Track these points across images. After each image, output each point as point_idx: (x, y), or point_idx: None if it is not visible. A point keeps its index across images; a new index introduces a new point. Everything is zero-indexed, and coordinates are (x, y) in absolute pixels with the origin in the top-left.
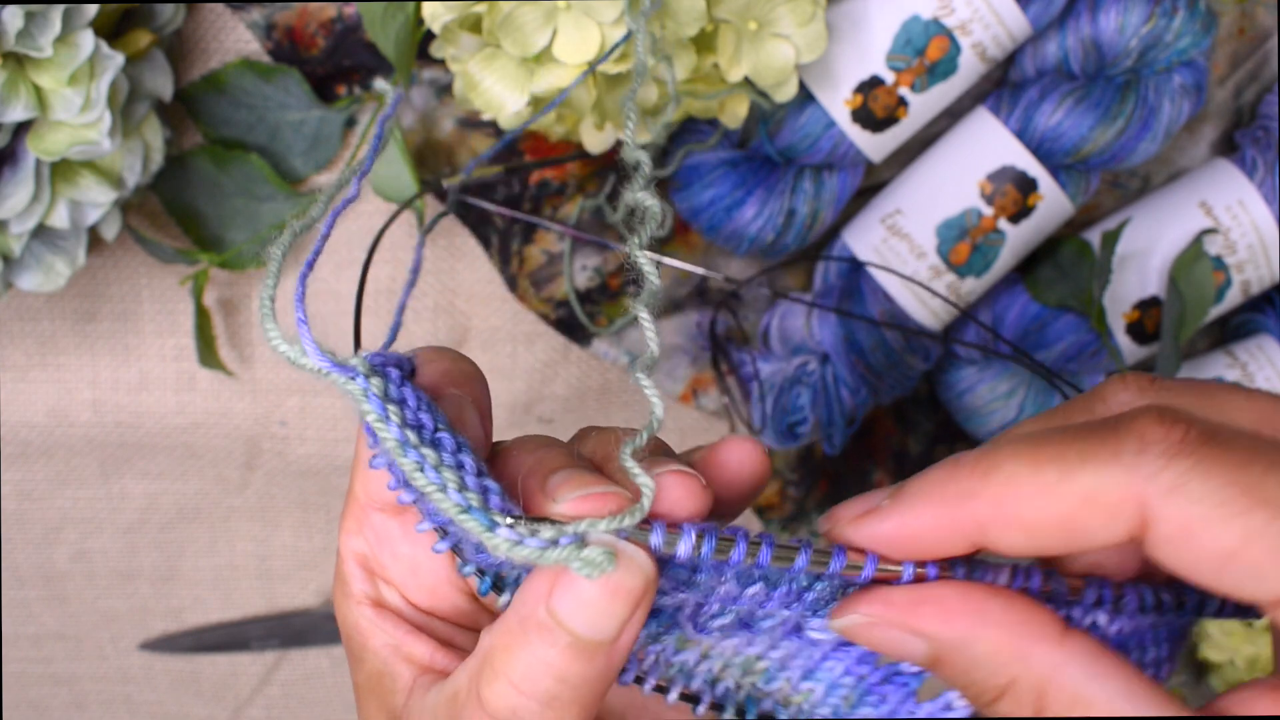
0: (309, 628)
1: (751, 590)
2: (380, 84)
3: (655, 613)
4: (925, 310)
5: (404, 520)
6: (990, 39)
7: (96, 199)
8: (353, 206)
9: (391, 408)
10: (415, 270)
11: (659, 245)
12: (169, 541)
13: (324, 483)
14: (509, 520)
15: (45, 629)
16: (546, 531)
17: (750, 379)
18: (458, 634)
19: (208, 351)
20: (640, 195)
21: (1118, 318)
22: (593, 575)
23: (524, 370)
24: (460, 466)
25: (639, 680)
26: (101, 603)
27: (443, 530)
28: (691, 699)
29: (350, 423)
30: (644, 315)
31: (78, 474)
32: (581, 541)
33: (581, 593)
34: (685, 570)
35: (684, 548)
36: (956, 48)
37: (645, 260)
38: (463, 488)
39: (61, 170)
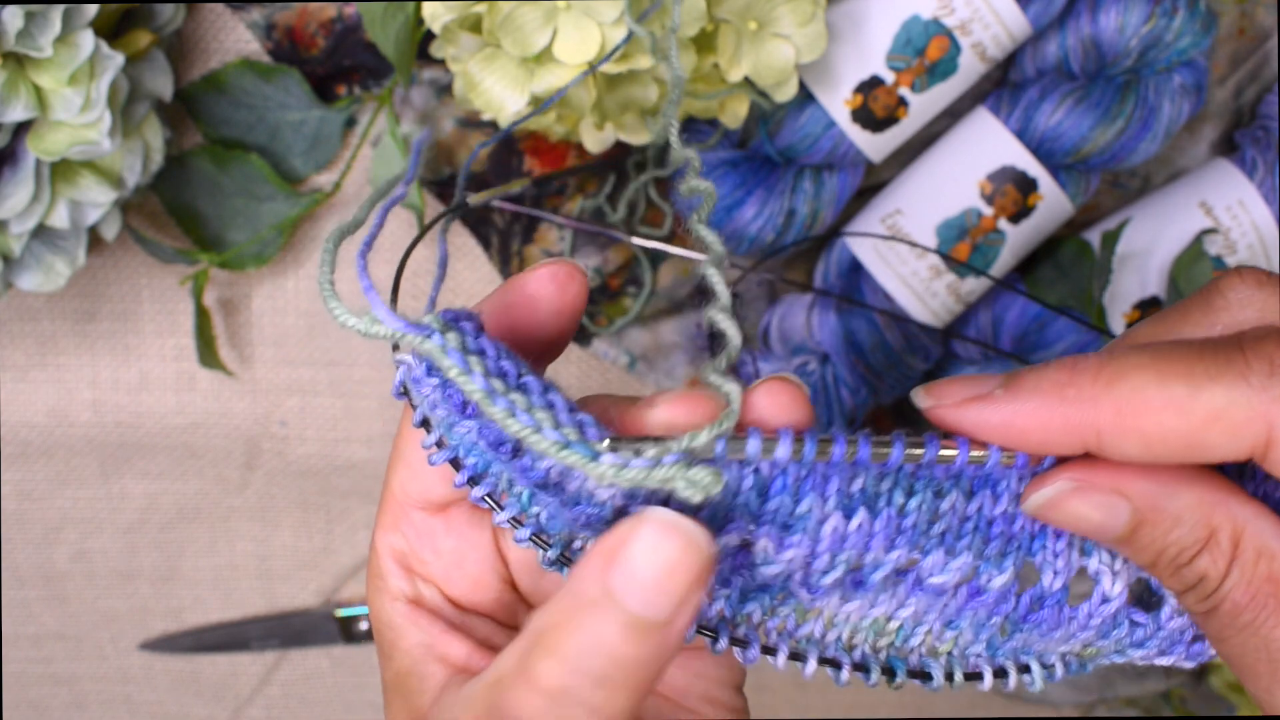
0: (309, 628)
1: (855, 521)
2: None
3: (764, 587)
4: (925, 310)
5: (446, 517)
6: (990, 39)
7: (96, 199)
8: (352, 205)
9: (472, 359)
10: (442, 264)
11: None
12: (169, 541)
13: (324, 483)
14: (608, 444)
15: (45, 629)
16: (650, 450)
17: (750, 379)
18: (497, 634)
19: (208, 351)
20: (696, 182)
21: (1118, 318)
22: (696, 497)
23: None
24: (551, 406)
25: (768, 652)
26: (101, 603)
27: (516, 521)
28: (831, 664)
29: (350, 423)
30: (712, 272)
31: (78, 474)
32: (687, 462)
33: (638, 570)
34: (788, 502)
35: (783, 450)
36: (956, 48)
37: (706, 232)
38: (558, 425)
39: (61, 170)
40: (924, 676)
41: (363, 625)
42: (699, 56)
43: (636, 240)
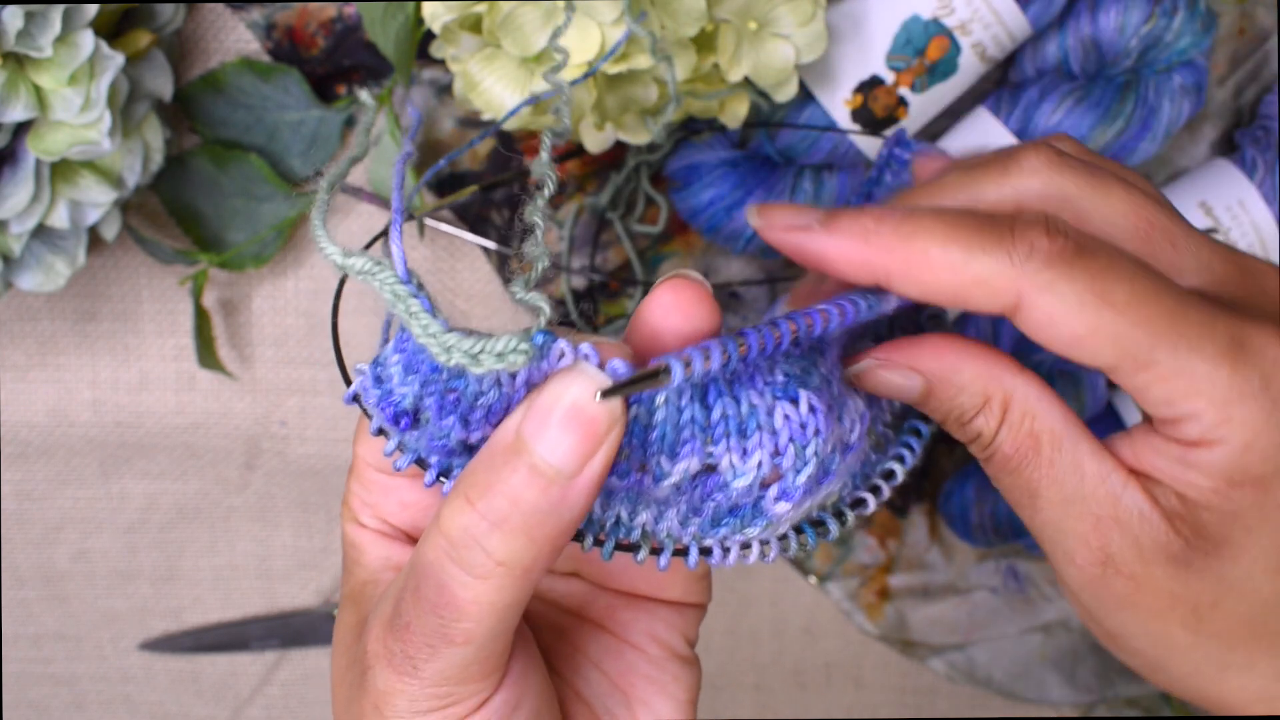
0: (309, 628)
1: (803, 405)
2: (365, 96)
3: (734, 509)
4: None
5: (414, 478)
6: (990, 39)
7: (96, 199)
8: (351, 206)
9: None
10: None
11: (656, 244)
12: (169, 541)
13: (324, 483)
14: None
15: (45, 629)
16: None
17: None
18: None
19: (207, 352)
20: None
21: None
22: (519, 362)
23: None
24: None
25: (705, 553)
26: (101, 603)
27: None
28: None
29: (350, 423)
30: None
31: (78, 474)
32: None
33: (550, 415)
34: (731, 405)
35: (711, 361)
36: (956, 48)
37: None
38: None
39: (61, 170)
40: (820, 526)
41: None
42: (699, 56)
43: (430, 222)
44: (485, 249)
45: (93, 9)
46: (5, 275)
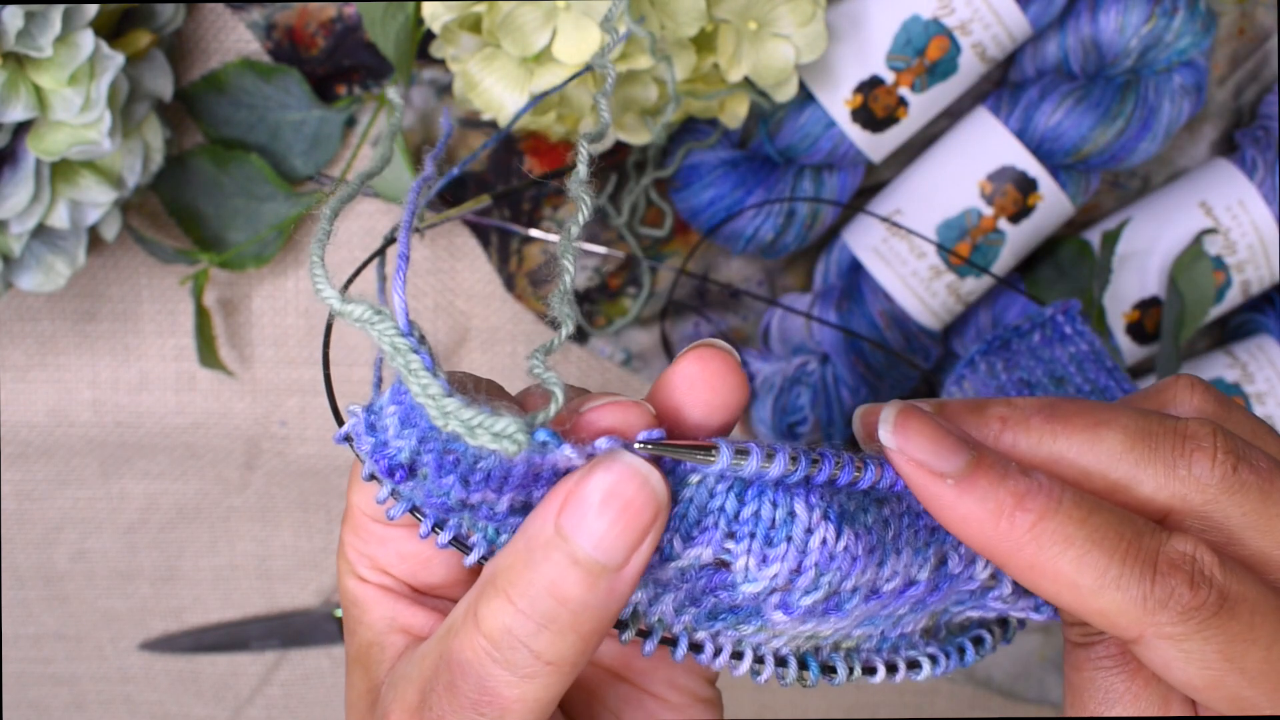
0: (309, 628)
1: (842, 542)
2: (391, 92)
3: (735, 608)
4: (926, 310)
5: (410, 528)
6: (990, 39)
7: (96, 199)
8: (351, 206)
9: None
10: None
11: (658, 245)
12: (169, 541)
13: (324, 483)
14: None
15: (45, 629)
16: (489, 414)
17: (749, 380)
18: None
19: (208, 351)
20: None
21: (1118, 318)
22: (509, 448)
23: (524, 370)
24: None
25: (695, 649)
26: (101, 603)
27: (465, 548)
28: (755, 660)
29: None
30: (567, 260)
31: (78, 474)
32: (525, 427)
33: (591, 510)
34: (769, 509)
35: (778, 467)
36: (956, 48)
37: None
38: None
39: (61, 170)
40: (830, 671)
41: None
42: (699, 56)
43: (534, 232)
44: (484, 245)
45: (93, 9)
46: (5, 275)
